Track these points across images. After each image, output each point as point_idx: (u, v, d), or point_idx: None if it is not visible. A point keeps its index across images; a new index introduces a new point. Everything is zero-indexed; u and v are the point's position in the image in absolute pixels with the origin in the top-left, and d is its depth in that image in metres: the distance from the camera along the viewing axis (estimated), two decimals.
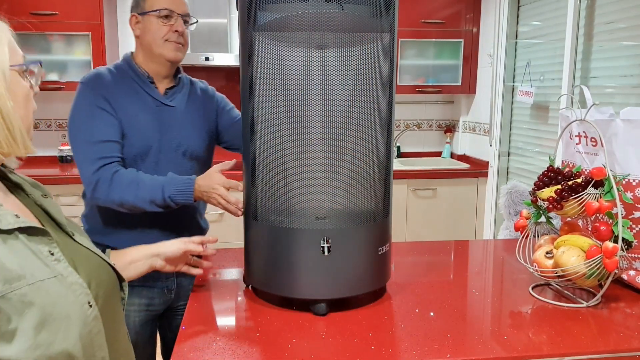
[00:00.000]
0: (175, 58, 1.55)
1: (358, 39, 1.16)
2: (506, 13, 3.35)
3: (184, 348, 1.06)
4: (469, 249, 1.76)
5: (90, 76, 1.51)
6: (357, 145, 1.19)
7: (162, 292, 1.62)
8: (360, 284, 1.24)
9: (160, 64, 1.56)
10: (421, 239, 3.60)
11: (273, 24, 1.14)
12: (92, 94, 1.47)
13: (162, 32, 1.52)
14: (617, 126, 1.30)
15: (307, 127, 1.16)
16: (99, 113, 1.46)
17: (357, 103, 1.18)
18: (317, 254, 1.19)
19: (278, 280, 1.22)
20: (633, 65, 2.35)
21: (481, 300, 1.30)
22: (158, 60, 1.55)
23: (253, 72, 1.19)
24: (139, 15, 1.53)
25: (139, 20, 1.54)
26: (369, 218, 1.24)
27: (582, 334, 1.11)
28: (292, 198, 1.19)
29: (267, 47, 1.16)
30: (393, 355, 1.03)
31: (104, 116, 1.46)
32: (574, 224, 1.40)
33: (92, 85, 1.49)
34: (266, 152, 1.21)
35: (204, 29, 3.40)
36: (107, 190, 1.42)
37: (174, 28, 1.53)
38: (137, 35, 1.56)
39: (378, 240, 1.25)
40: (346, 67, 1.15)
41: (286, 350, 1.05)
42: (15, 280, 0.74)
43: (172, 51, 1.54)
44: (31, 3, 3.24)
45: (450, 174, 3.62)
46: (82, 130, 1.46)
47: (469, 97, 3.95)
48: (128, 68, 1.55)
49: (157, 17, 1.52)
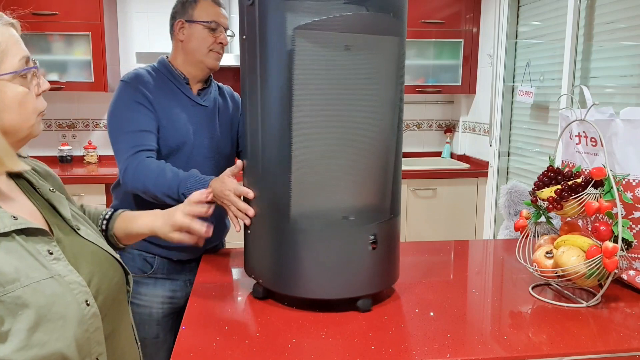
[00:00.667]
0: (215, 67, 1.67)
1: (376, 41, 1.17)
2: (506, 13, 3.36)
3: (184, 348, 1.06)
4: (469, 249, 1.76)
5: (130, 75, 1.60)
6: (378, 145, 1.22)
7: (184, 284, 1.69)
8: (394, 276, 1.30)
9: (199, 70, 1.66)
10: (421, 239, 3.60)
11: (311, 25, 1.13)
12: (132, 91, 1.56)
13: (208, 43, 1.63)
14: (617, 126, 1.30)
15: (338, 128, 1.17)
16: (137, 107, 1.55)
17: (377, 103, 1.20)
18: (363, 249, 1.21)
19: (326, 283, 1.20)
20: (633, 65, 2.35)
21: (481, 300, 1.30)
22: (199, 66, 1.65)
23: (293, 74, 1.14)
24: (186, 23, 1.62)
25: (185, 27, 1.62)
26: (387, 215, 1.28)
27: (582, 334, 1.11)
28: (324, 199, 1.20)
29: (308, 49, 1.14)
30: (393, 355, 1.03)
31: (141, 109, 1.55)
32: (574, 224, 1.40)
33: (133, 83, 1.58)
34: (302, 154, 1.18)
35: None
36: (133, 175, 1.48)
37: (219, 40, 1.64)
38: (180, 39, 1.64)
39: (397, 237, 1.31)
40: (369, 68, 1.17)
41: (286, 350, 1.05)
42: (9, 283, 0.74)
43: (214, 60, 1.66)
44: (31, 3, 3.24)
45: (450, 174, 3.62)
46: (120, 121, 1.55)
47: (469, 97, 3.95)
48: (165, 70, 1.64)
49: (204, 27, 1.62)
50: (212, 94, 1.73)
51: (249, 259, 1.32)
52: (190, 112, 1.64)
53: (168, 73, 1.64)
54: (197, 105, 1.66)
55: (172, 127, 1.60)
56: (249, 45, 1.23)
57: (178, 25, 1.63)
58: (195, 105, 1.66)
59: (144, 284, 1.64)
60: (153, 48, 3.74)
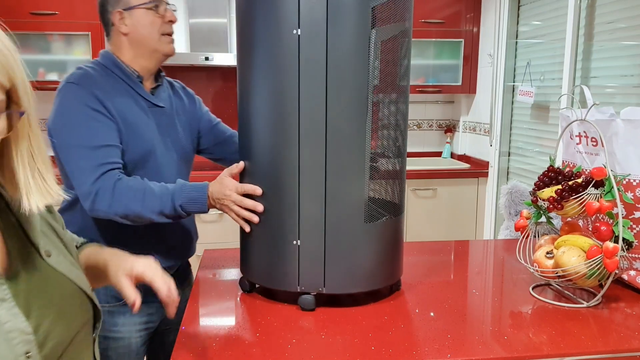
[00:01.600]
0: (172, 52, 1.46)
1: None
2: (506, 13, 3.35)
3: (184, 348, 1.06)
4: (469, 249, 1.76)
5: (78, 75, 1.37)
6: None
7: (159, 306, 1.45)
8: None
9: (155, 61, 1.46)
10: (421, 239, 3.59)
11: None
12: (85, 94, 1.33)
13: (157, 26, 1.42)
14: (617, 126, 1.29)
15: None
16: (94, 115, 1.32)
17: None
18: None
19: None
20: (633, 65, 2.35)
21: (481, 301, 1.30)
22: (154, 56, 1.44)
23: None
24: (125, 11, 1.40)
25: (125, 16, 1.40)
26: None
27: (582, 334, 1.11)
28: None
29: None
30: (393, 356, 1.03)
31: (100, 118, 1.33)
32: (575, 224, 1.40)
33: (84, 84, 1.35)
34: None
35: (204, 28, 3.40)
36: (109, 201, 1.28)
37: (167, 18, 1.44)
38: (124, 32, 1.42)
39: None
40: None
41: (286, 350, 1.05)
42: None
43: (169, 44, 1.45)
44: (31, 3, 3.24)
45: (451, 174, 3.62)
46: (76, 134, 1.31)
47: (469, 97, 3.95)
48: (115, 67, 1.42)
49: (146, 10, 1.40)
50: (165, 92, 1.53)
51: (246, 259, 1.32)
52: (150, 116, 1.44)
53: (119, 71, 1.42)
54: (154, 107, 1.46)
55: (135, 135, 1.39)
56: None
57: (116, 17, 1.40)
58: (153, 107, 1.46)
59: (120, 313, 1.44)
60: None
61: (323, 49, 1.14)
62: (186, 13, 3.46)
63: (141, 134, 1.41)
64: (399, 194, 1.29)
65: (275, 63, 1.17)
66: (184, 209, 1.31)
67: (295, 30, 1.14)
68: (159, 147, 1.45)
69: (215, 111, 1.78)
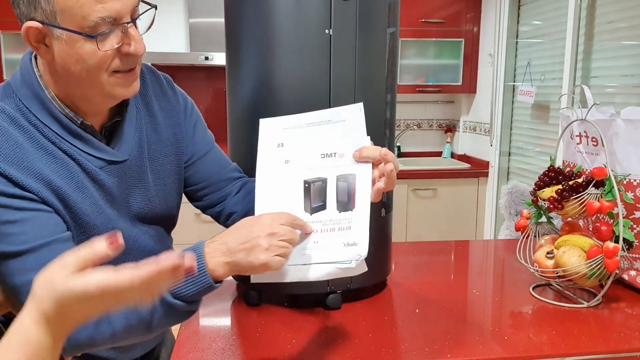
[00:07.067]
0: (129, 94, 0.91)
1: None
2: (507, 12, 3.35)
3: (184, 348, 1.06)
4: (469, 249, 1.76)
5: None
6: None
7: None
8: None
9: (99, 104, 0.92)
10: (421, 239, 3.59)
11: None
12: None
13: (102, 61, 0.83)
14: (618, 126, 1.29)
15: None
16: (13, 214, 0.81)
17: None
18: None
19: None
20: (634, 65, 2.35)
21: (481, 301, 1.30)
22: (96, 101, 0.90)
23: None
24: (45, 27, 0.81)
25: (46, 34, 0.82)
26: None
27: (582, 334, 1.11)
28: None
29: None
30: (393, 356, 1.03)
31: (26, 215, 0.82)
32: (575, 224, 1.40)
33: None
34: None
35: (204, 28, 3.40)
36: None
37: (124, 51, 0.84)
38: (47, 59, 0.85)
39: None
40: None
41: (286, 351, 1.05)
42: None
43: (125, 87, 0.88)
44: None
45: (451, 174, 3.62)
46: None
47: (469, 97, 3.95)
48: (42, 111, 0.86)
49: (86, 40, 0.81)
50: (131, 123, 0.98)
51: None
52: (104, 181, 0.92)
53: (49, 117, 0.86)
54: (112, 165, 0.93)
55: (88, 217, 0.90)
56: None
57: (31, 34, 0.82)
58: (107, 165, 0.93)
59: None
60: (158, 48, 3.73)
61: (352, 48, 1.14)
62: (186, 13, 3.46)
63: (93, 214, 0.91)
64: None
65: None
66: (180, 297, 0.83)
67: (328, 30, 1.13)
68: (120, 223, 0.96)
69: (215, 111, 1.74)
